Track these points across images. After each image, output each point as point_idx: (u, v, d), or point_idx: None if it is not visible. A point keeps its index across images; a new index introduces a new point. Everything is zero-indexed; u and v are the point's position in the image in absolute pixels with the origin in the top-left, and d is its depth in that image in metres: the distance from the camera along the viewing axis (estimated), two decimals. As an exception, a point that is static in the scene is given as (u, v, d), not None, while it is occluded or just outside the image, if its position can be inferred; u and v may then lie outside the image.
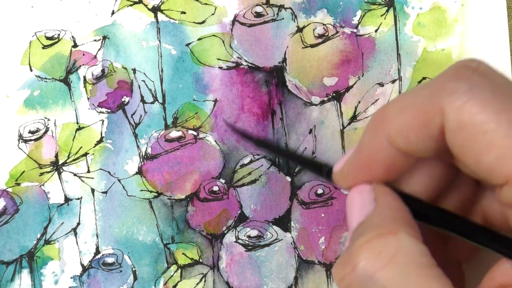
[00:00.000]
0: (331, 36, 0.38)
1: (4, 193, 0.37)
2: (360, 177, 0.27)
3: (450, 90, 0.23)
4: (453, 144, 0.24)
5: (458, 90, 0.23)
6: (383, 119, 0.26)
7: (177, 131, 0.38)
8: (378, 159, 0.26)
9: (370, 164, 0.26)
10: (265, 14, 0.38)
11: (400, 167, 0.26)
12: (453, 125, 0.23)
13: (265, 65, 0.38)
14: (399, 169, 0.26)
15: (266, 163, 0.38)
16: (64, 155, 0.38)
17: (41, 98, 0.38)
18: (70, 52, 0.38)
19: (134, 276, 0.37)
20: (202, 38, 0.39)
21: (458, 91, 0.23)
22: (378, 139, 0.26)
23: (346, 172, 0.27)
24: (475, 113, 0.23)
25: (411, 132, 0.25)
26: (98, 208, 0.38)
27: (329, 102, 0.38)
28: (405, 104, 0.25)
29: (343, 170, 0.28)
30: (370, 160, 0.26)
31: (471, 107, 0.23)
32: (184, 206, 0.38)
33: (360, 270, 0.23)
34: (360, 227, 0.25)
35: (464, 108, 0.23)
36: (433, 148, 0.25)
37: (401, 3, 0.39)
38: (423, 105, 0.24)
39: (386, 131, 0.25)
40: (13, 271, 0.37)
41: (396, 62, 0.38)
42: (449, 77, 0.24)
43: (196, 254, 0.37)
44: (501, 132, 0.22)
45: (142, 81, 0.38)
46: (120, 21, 0.39)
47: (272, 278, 0.37)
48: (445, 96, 0.23)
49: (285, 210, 0.38)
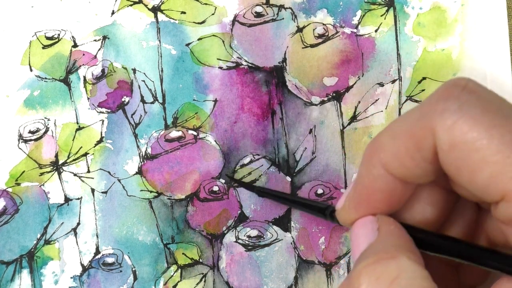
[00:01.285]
0: (331, 36, 0.38)
1: (4, 193, 0.37)
2: (362, 211, 0.27)
3: (440, 110, 0.23)
4: (446, 165, 0.24)
5: (447, 109, 0.23)
6: (376, 148, 0.26)
7: (177, 131, 0.38)
8: (377, 189, 0.26)
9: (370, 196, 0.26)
10: (265, 14, 0.38)
11: (400, 196, 0.26)
12: (445, 145, 0.23)
13: (265, 65, 0.38)
14: (400, 198, 0.26)
15: (266, 163, 0.38)
16: (64, 155, 0.38)
17: (41, 98, 0.38)
18: (70, 52, 0.38)
19: (134, 276, 0.37)
20: (202, 38, 0.39)
21: (448, 110, 0.23)
22: (374, 169, 0.26)
23: (348, 208, 0.28)
24: (466, 131, 0.23)
25: (405, 157, 0.25)
26: (98, 208, 0.38)
27: (329, 102, 0.38)
28: (397, 130, 0.25)
29: (344, 207, 0.28)
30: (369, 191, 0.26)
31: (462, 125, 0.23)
32: (184, 206, 0.38)
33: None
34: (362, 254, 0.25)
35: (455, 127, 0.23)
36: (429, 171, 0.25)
37: (401, 3, 0.39)
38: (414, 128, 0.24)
39: (381, 159, 0.25)
40: (13, 271, 0.37)
41: (396, 62, 0.38)
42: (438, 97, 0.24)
43: (196, 254, 0.37)
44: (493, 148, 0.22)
45: (142, 81, 0.38)
46: (120, 21, 0.39)
47: (272, 278, 0.37)
48: (435, 116, 0.23)
49: (285, 210, 0.38)
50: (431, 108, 0.24)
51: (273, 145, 0.38)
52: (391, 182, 0.26)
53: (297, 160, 0.38)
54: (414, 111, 0.25)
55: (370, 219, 0.27)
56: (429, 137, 0.24)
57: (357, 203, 0.27)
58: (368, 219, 0.27)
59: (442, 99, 0.24)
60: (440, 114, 0.23)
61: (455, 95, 0.23)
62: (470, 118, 0.23)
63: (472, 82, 0.24)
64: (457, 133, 0.23)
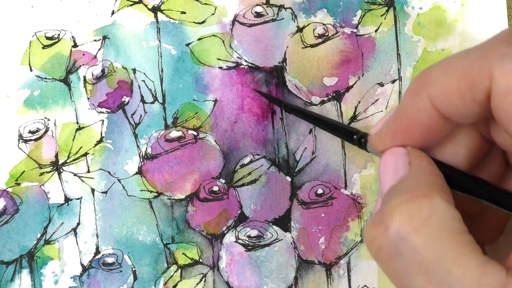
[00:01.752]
0: (331, 36, 0.38)
1: (4, 193, 0.37)
2: (398, 139, 0.26)
3: (500, 54, 0.23)
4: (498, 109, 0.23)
5: (509, 54, 0.23)
6: (426, 81, 0.25)
7: (177, 131, 0.38)
8: (418, 121, 0.26)
9: (410, 126, 0.26)
10: (265, 14, 0.38)
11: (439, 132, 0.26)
12: (501, 89, 0.23)
13: (265, 65, 0.38)
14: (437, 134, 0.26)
15: (266, 163, 0.38)
16: (64, 155, 0.38)
17: (41, 98, 0.38)
18: (70, 52, 0.38)
19: (134, 276, 0.37)
20: (202, 38, 0.39)
21: (509, 56, 0.23)
22: (420, 101, 0.25)
23: (384, 134, 0.27)
24: None
25: (455, 94, 0.24)
26: (98, 208, 0.38)
27: (329, 102, 0.38)
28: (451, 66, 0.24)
29: (381, 132, 0.27)
30: (410, 122, 0.26)
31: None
32: (184, 206, 0.38)
33: (392, 232, 0.23)
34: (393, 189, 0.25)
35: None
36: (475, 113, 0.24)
37: (401, 3, 0.39)
38: (470, 68, 0.24)
39: (430, 92, 0.25)
40: (13, 271, 0.37)
41: (396, 62, 0.38)
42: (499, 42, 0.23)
43: (196, 254, 0.37)
44: None
45: (142, 81, 0.38)
46: (120, 21, 0.39)
47: (272, 278, 0.37)
48: (495, 60, 0.23)
49: (285, 210, 0.38)
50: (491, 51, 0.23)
51: (273, 145, 0.38)
52: (434, 116, 0.25)
53: (297, 160, 0.38)
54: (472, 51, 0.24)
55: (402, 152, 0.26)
56: (485, 79, 0.23)
57: (394, 131, 0.27)
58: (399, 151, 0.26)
59: (504, 44, 0.23)
60: (501, 58, 0.23)
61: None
62: None
63: None
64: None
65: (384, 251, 0.24)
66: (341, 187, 0.38)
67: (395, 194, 0.24)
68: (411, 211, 0.23)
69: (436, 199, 0.23)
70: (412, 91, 0.26)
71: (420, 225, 0.22)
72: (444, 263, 0.22)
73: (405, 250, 0.23)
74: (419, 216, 0.23)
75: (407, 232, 0.23)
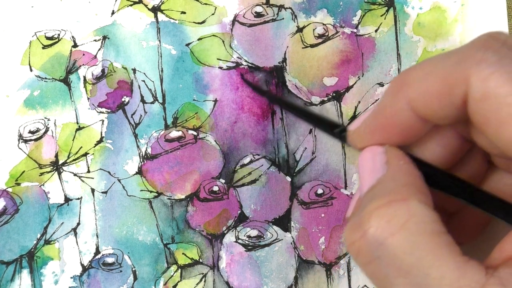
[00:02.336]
0: (331, 36, 0.38)
1: (4, 193, 0.37)
2: (376, 138, 0.27)
3: (478, 60, 0.23)
4: (475, 114, 0.24)
5: (486, 60, 0.23)
6: (405, 83, 0.25)
7: (177, 131, 0.38)
8: (396, 122, 0.26)
9: (388, 126, 0.26)
10: (265, 14, 0.38)
11: (417, 132, 0.26)
12: (477, 94, 0.23)
13: (265, 65, 0.38)
14: (415, 134, 0.26)
15: (266, 163, 0.38)
16: (64, 155, 0.38)
17: (41, 98, 0.38)
18: (70, 52, 0.38)
19: (134, 276, 0.37)
20: (202, 38, 0.39)
21: (486, 61, 0.23)
22: (398, 102, 0.25)
23: (363, 132, 0.27)
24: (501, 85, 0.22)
25: (433, 98, 0.24)
26: (98, 208, 0.38)
27: (329, 102, 0.38)
28: (429, 69, 0.25)
29: (359, 130, 0.28)
30: (388, 122, 0.26)
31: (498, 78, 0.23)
32: (184, 206, 0.38)
33: (370, 237, 0.23)
34: (371, 192, 0.25)
35: (491, 78, 0.23)
36: (453, 116, 0.25)
37: (401, 3, 0.39)
38: (448, 72, 0.24)
39: (408, 95, 0.25)
40: (13, 271, 0.37)
41: (396, 62, 0.38)
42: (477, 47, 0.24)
43: (196, 254, 0.37)
44: None
45: (142, 81, 0.38)
46: (120, 21, 0.39)
47: (272, 278, 0.37)
48: (472, 65, 0.23)
49: (285, 210, 0.38)
50: (469, 56, 0.24)
51: (273, 145, 0.38)
52: (412, 118, 0.25)
53: (297, 160, 0.38)
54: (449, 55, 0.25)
55: (379, 151, 0.27)
56: (462, 84, 0.24)
57: (372, 130, 0.27)
58: (377, 150, 0.27)
59: (482, 49, 0.24)
60: (478, 64, 0.23)
61: (494, 48, 0.23)
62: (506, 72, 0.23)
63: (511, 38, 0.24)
64: (491, 85, 0.23)
65: (363, 255, 0.24)
66: (341, 187, 0.38)
67: (372, 197, 0.24)
68: (389, 215, 0.23)
69: (413, 202, 0.23)
70: (391, 92, 0.26)
71: (398, 230, 0.23)
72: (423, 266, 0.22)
73: (383, 254, 0.23)
74: (396, 220, 0.23)
75: (385, 237, 0.23)
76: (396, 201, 0.23)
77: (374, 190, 0.25)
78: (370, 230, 0.23)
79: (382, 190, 0.24)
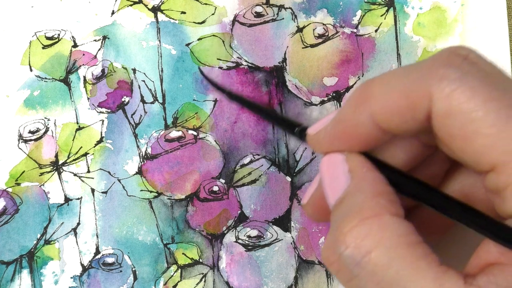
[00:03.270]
0: (331, 36, 0.38)
1: (4, 193, 0.37)
2: (336, 145, 0.27)
3: (440, 77, 0.23)
4: (439, 130, 0.24)
5: (447, 77, 0.23)
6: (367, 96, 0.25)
7: (177, 131, 0.38)
8: (357, 132, 0.26)
9: (348, 135, 0.26)
10: (265, 14, 0.38)
11: (378, 141, 0.26)
12: (441, 111, 0.23)
13: (265, 65, 0.38)
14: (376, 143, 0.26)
15: (266, 163, 0.38)
16: (64, 155, 0.38)
17: (41, 98, 0.38)
18: (70, 52, 0.38)
19: (134, 276, 0.37)
20: (202, 38, 0.39)
21: (448, 78, 0.23)
22: (360, 115, 0.25)
23: (322, 138, 0.27)
24: (464, 101, 0.23)
25: (396, 113, 0.24)
26: (98, 208, 0.38)
27: (329, 102, 0.38)
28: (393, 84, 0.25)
29: (318, 135, 0.28)
30: (349, 132, 0.26)
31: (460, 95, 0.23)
32: (184, 206, 0.38)
33: (347, 258, 0.23)
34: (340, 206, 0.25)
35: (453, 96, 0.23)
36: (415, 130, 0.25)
37: (401, 3, 0.39)
38: (410, 89, 0.24)
39: (370, 107, 0.25)
40: (13, 271, 0.37)
41: (396, 62, 0.38)
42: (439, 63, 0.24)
43: (196, 254, 0.37)
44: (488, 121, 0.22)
45: (142, 81, 0.38)
46: (120, 21, 0.39)
47: (272, 278, 0.37)
48: (434, 82, 0.23)
49: (285, 210, 0.38)
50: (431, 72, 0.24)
51: (273, 145, 0.38)
52: (374, 130, 0.25)
53: (297, 160, 0.38)
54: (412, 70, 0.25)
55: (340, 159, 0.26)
56: (425, 101, 0.24)
57: (332, 137, 0.27)
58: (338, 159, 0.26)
59: (443, 66, 0.24)
60: (439, 81, 0.23)
61: (456, 64, 0.24)
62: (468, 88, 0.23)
63: (473, 53, 0.24)
64: (454, 102, 0.23)
65: (343, 274, 0.24)
66: (341, 187, 0.38)
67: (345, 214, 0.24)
68: (363, 234, 0.23)
69: (386, 217, 0.23)
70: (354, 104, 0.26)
71: (374, 247, 0.23)
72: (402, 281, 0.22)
73: (361, 273, 0.23)
74: (371, 238, 0.23)
75: (362, 255, 0.23)
76: (368, 218, 0.23)
77: (343, 205, 0.25)
78: (347, 251, 0.23)
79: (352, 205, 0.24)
